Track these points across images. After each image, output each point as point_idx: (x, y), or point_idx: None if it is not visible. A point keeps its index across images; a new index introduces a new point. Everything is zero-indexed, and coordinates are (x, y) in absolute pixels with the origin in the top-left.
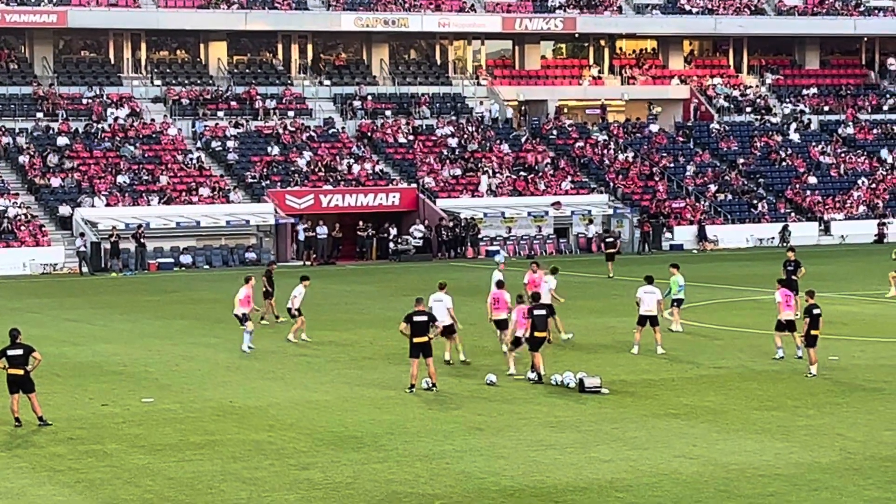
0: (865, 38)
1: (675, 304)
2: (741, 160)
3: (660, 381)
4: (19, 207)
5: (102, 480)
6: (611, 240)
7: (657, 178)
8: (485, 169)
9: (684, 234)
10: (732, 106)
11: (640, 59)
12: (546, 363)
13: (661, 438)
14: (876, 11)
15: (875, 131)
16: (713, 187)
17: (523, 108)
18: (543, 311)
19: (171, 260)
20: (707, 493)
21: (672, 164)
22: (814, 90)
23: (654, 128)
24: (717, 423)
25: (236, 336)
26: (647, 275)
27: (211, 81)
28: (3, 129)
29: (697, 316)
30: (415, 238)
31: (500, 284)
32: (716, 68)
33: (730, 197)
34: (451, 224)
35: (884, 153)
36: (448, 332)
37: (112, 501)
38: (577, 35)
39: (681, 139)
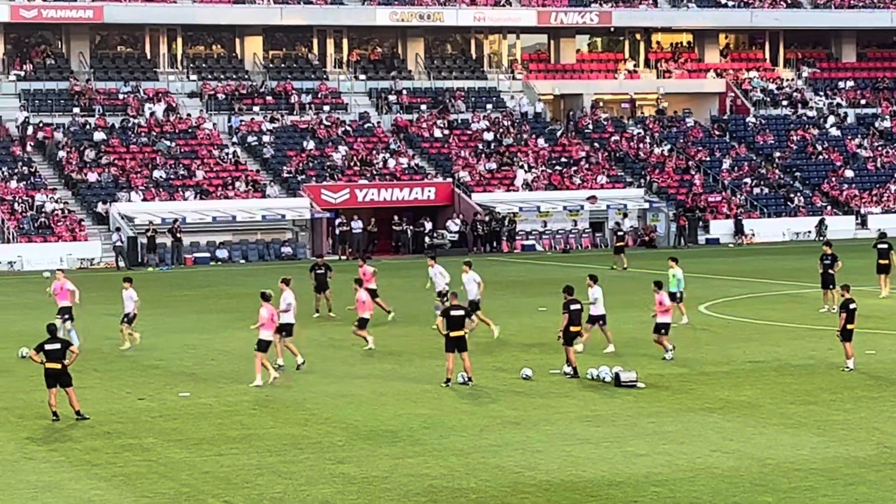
0: None
1: (675, 298)
2: (777, 154)
3: (696, 376)
4: (56, 202)
5: (139, 474)
6: (620, 233)
7: (693, 172)
8: (520, 163)
9: (720, 228)
10: (768, 99)
11: (675, 52)
12: (582, 357)
13: (697, 433)
14: None
15: None
16: (749, 181)
17: (563, 102)
18: (579, 306)
19: (208, 254)
20: (743, 487)
21: (708, 158)
22: (850, 83)
23: (689, 121)
24: (753, 418)
25: None
26: (591, 273)
27: (247, 76)
28: (41, 125)
29: (733, 310)
30: (450, 232)
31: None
32: (752, 62)
33: (766, 191)
34: (486, 218)
35: None
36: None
37: (149, 495)
38: (612, 29)
39: (717, 133)
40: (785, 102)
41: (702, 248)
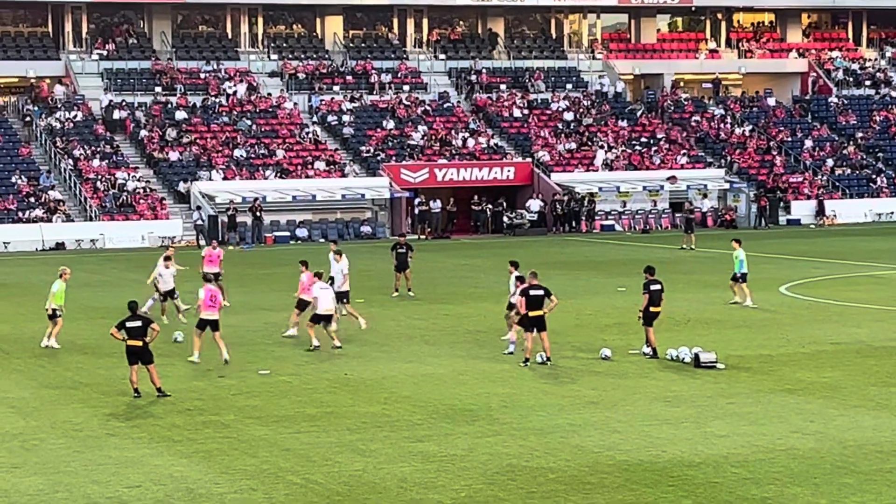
0: None
1: (740, 279)
2: (860, 134)
3: (776, 357)
4: (138, 181)
5: (220, 451)
6: (690, 213)
7: (774, 153)
8: (600, 143)
9: (802, 209)
10: (851, 79)
11: (757, 32)
12: (661, 337)
13: (777, 414)
14: None
15: None
16: (831, 161)
17: (643, 82)
18: (659, 286)
19: (288, 233)
20: (824, 468)
21: (789, 139)
22: None
23: (771, 101)
24: (834, 399)
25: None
26: (521, 268)
27: (327, 56)
28: (123, 104)
29: (815, 291)
30: (530, 212)
31: None
32: (834, 41)
33: (848, 171)
34: (565, 198)
35: None
36: (327, 321)
37: (229, 472)
38: (693, 8)
39: (798, 113)
40: (868, 82)
41: (783, 229)
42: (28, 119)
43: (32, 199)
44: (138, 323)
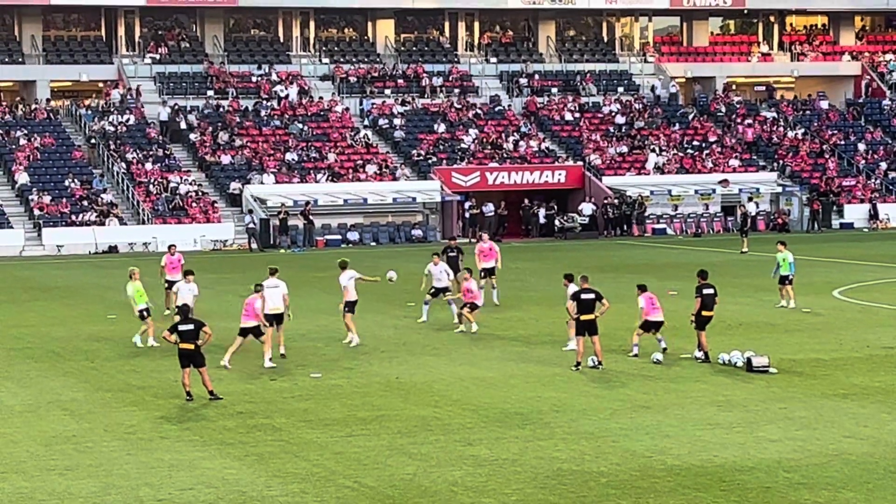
0: None
1: (786, 281)
2: None
3: (829, 361)
4: (190, 184)
5: (271, 454)
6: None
7: (827, 156)
8: (652, 146)
9: (855, 213)
10: None
11: (810, 35)
12: (713, 342)
13: (830, 418)
14: None
15: None
16: (885, 165)
17: (694, 85)
18: (712, 290)
19: (339, 237)
20: (877, 473)
21: (842, 142)
22: None
23: (824, 105)
24: (887, 404)
25: (402, 311)
26: (572, 271)
27: (378, 59)
28: (176, 107)
29: (868, 295)
30: (581, 216)
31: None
32: (888, 44)
33: None
34: (616, 202)
35: None
36: (278, 321)
37: (280, 475)
38: (746, 11)
39: (852, 116)
40: None
41: (836, 233)
42: (90, 137)
43: (85, 203)
44: (190, 326)
